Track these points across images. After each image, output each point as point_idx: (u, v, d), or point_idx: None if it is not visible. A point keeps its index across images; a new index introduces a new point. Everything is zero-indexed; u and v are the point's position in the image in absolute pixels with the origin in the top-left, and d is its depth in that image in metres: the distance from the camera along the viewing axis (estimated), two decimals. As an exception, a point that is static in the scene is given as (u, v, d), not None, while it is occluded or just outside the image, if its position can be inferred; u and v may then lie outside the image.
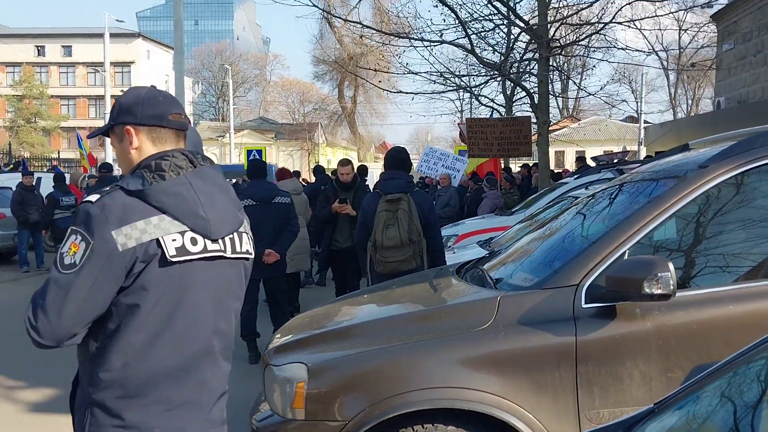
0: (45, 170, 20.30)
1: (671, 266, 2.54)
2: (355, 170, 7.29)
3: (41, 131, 53.21)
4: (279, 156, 49.88)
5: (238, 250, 1.91)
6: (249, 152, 15.10)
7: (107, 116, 2.25)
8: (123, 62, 54.58)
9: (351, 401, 2.79)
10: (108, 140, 2.31)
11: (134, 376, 1.73)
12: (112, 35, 32.95)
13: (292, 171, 10.37)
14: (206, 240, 1.81)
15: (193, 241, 1.78)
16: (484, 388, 2.69)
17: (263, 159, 13.95)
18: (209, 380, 1.86)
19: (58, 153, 37.23)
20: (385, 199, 4.83)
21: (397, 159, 5.09)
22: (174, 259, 1.73)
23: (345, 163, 7.17)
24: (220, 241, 1.84)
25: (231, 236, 1.89)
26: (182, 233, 1.76)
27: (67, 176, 14.07)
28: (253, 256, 2.01)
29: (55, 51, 58.74)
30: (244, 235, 1.96)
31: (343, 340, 3.08)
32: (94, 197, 1.73)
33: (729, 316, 2.71)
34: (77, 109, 59.04)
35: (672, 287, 2.53)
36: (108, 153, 28.34)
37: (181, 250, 1.75)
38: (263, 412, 3.05)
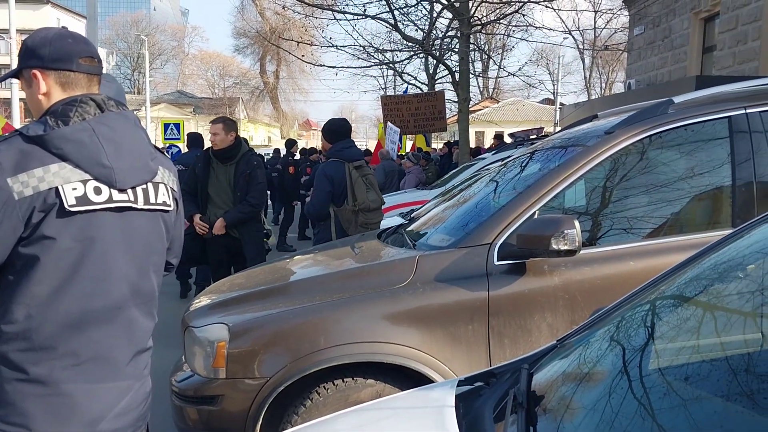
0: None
1: (577, 224, 2.68)
2: (237, 136, 5.35)
3: (-60, 101, 49.92)
4: (198, 131, 48.72)
5: (152, 201, 1.83)
6: (166, 126, 14.57)
7: (14, 85, 2.12)
8: (30, 30, 51.25)
9: (272, 359, 2.83)
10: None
11: (38, 328, 1.65)
12: (17, 1, 31.10)
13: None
14: (112, 190, 1.72)
15: (97, 191, 1.69)
16: (403, 342, 2.79)
17: (181, 133, 13.84)
18: (122, 335, 1.78)
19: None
20: (353, 166, 4.88)
21: (346, 128, 5.14)
22: (73, 209, 1.64)
23: (216, 120, 5.33)
24: (129, 191, 1.76)
25: (143, 187, 1.80)
26: (84, 182, 1.67)
27: None
28: (173, 209, 1.93)
29: (-46, 15, 55.05)
30: (161, 186, 1.86)
31: (265, 300, 3.10)
32: None
33: (629, 271, 2.89)
34: (-20, 79, 55.65)
35: (577, 243, 2.68)
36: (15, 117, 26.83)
37: (82, 199, 1.66)
38: (183, 373, 3.05)
